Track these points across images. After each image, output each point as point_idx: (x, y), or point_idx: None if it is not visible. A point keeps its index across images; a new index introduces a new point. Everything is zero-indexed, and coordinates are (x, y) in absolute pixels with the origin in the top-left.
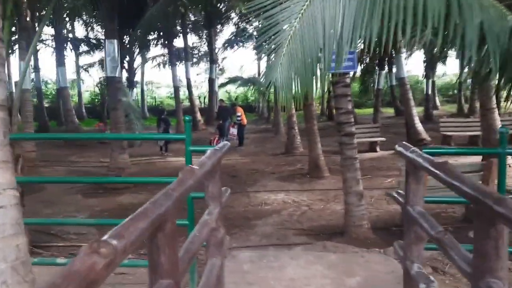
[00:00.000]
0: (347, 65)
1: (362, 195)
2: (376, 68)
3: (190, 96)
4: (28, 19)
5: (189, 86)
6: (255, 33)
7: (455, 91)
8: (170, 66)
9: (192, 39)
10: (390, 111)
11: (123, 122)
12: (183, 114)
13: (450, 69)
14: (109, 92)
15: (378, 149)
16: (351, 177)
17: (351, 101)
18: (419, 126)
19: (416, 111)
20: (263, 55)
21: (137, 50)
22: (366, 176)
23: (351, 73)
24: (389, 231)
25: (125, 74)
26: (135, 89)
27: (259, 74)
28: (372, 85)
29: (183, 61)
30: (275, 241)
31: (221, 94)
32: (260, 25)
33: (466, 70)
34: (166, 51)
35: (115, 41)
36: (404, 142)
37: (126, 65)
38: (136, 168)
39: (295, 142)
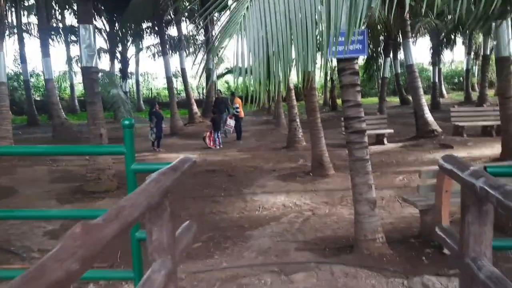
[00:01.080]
0: (356, 48)
1: (375, 203)
2: (381, 54)
3: (186, 87)
4: None
5: (184, 77)
6: None
7: (461, 79)
8: (162, 56)
9: (188, 28)
10: (395, 100)
11: (102, 118)
12: (179, 107)
13: (457, 56)
14: (85, 85)
15: (385, 141)
16: (362, 182)
17: (360, 92)
18: (429, 116)
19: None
20: None
21: (130, 39)
22: (375, 173)
23: (360, 59)
24: (407, 244)
25: (118, 65)
26: (129, 80)
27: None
28: (376, 72)
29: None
30: (273, 258)
31: (220, 85)
32: None
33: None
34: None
35: (90, 26)
36: (451, 155)
37: (118, 55)
38: (120, 166)
39: (297, 135)
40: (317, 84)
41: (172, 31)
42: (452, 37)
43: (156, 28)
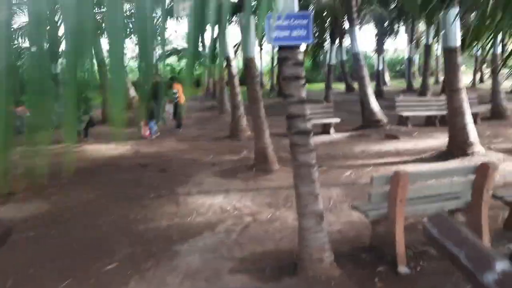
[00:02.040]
0: (299, 35)
1: (323, 216)
2: (327, 41)
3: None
4: None
5: None
6: None
7: (403, 66)
8: None
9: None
10: (340, 87)
11: None
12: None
13: (399, 45)
14: None
15: (332, 131)
16: (307, 192)
17: (305, 85)
18: (375, 106)
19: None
20: None
21: None
22: (321, 168)
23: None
24: (358, 261)
25: None
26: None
27: (203, 44)
28: (320, 59)
29: None
30: (202, 284)
31: (163, 68)
32: None
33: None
34: None
35: None
36: (446, 218)
37: None
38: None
39: (241, 124)
40: (263, 69)
41: None
42: (396, 26)
43: None
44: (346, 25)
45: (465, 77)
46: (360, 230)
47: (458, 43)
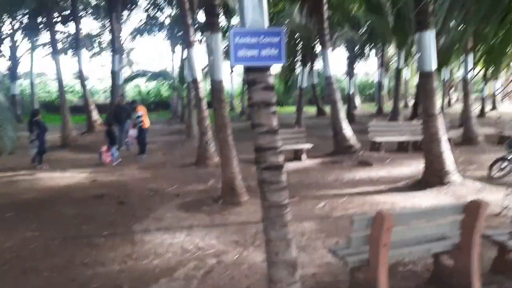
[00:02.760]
0: (270, 54)
1: (296, 266)
2: (299, 64)
3: (84, 91)
4: None
5: (82, 79)
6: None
7: (372, 90)
8: (52, 55)
9: (94, 25)
10: (311, 110)
11: None
12: (80, 112)
13: (368, 68)
14: None
15: (304, 157)
16: (279, 237)
17: (276, 113)
18: (347, 131)
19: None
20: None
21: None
22: (292, 199)
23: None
24: None
25: (6, 63)
26: (23, 81)
27: (173, 66)
28: (291, 82)
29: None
30: None
31: (130, 89)
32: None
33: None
34: (66, 35)
35: None
36: None
37: (7, 52)
38: None
39: (209, 150)
40: (235, 91)
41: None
42: (367, 49)
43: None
44: (318, 47)
45: None
46: (337, 274)
47: (434, 67)
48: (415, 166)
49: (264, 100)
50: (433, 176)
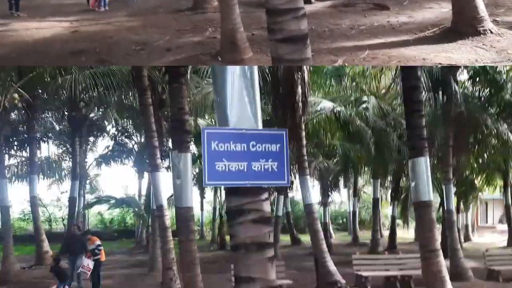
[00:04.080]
0: (266, 169)
1: None
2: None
3: (34, 219)
4: None
5: (33, 206)
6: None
7: (344, 220)
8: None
9: (55, 150)
10: (285, 239)
11: None
12: (30, 242)
13: (339, 197)
14: None
15: None
16: None
17: (274, 260)
18: (331, 265)
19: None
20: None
21: None
22: None
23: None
24: None
25: None
26: None
27: (139, 193)
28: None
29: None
30: None
31: (93, 216)
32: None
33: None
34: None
35: None
36: None
37: None
38: None
39: None
40: (205, 219)
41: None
42: (341, 178)
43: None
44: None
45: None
46: None
47: (431, 196)
48: None
49: (256, 240)
50: None
